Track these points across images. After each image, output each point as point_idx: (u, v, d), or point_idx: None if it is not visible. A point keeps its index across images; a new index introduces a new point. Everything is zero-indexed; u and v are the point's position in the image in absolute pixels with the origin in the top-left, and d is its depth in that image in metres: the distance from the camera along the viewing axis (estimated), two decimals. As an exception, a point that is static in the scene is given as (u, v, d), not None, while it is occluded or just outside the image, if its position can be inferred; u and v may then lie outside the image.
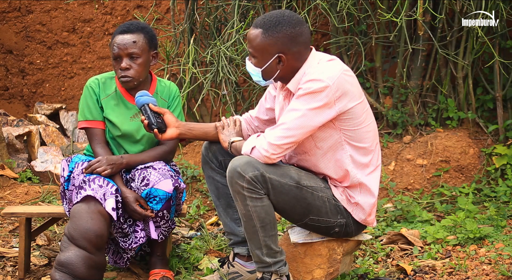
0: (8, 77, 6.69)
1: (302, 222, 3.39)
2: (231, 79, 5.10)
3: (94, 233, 3.34)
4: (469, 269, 3.80)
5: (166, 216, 3.57)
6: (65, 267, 3.30)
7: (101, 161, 3.56)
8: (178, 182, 3.57)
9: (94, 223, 3.36)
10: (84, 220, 3.36)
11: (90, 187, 3.45)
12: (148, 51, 3.65)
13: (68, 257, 3.31)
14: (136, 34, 3.64)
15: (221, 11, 5.43)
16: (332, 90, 3.22)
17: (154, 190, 3.49)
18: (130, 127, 3.70)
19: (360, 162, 3.37)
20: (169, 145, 3.73)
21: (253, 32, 3.33)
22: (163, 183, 3.51)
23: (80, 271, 3.29)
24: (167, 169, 3.57)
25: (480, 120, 5.41)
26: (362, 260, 3.98)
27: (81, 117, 3.71)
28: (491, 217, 4.53)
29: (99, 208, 3.40)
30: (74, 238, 3.34)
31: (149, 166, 3.58)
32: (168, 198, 3.53)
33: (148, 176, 3.52)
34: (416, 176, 5.18)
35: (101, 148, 3.65)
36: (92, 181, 3.48)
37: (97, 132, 3.68)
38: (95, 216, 3.38)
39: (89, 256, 3.33)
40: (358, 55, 5.50)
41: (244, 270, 3.59)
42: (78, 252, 3.32)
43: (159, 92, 3.75)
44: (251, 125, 3.68)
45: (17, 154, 5.69)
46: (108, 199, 3.44)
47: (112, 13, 6.50)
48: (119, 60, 3.63)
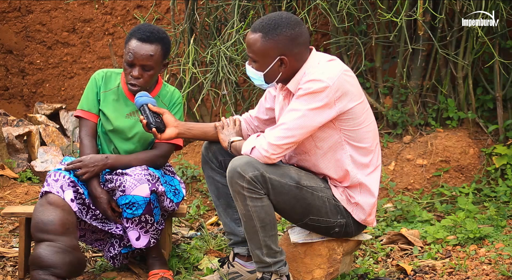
0: (8, 77, 6.69)
1: (302, 222, 3.39)
2: (231, 79, 5.10)
3: (44, 222, 3.39)
4: (469, 269, 3.80)
5: (150, 220, 3.53)
6: (35, 264, 3.38)
7: (83, 161, 3.55)
8: (155, 186, 3.50)
9: (43, 213, 3.41)
10: (35, 215, 3.43)
11: (46, 182, 3.49)
12: (161, 62, 3.63)
13: (34, 254, 3.39)
14: (155, 46, 3.57)
15: (221, 11, 5.43)
16: (332, 90, 3.22)
17: (131, 197, 3.45)
18: (124, 123, 3.68)
19: (360, 162, 3.37)
20: (160, 150, 3.69)
21: (252, 37, 3.30)
22: (139, 189, 3.45)
23: (47, 261, 3.35)
24: (144, 174, 3.49)
25: (480, 120, 5.41)
26: (362, 260, 3.98)
27: (79, 106, 3.74)
28: (491, 217, 4.53)
29: (49, 200, 3.44)
30: (33, 235, 3.42)
31: (125, 173, 3.52)
32: (147, 203, 3.48)
33: (124, 182, 3.47)
34: (416, 176, 5.18)
35: (88, 141, 3.67)
36: (49, 176, 3.51)
37: (88, 124, 3.70)
38: (44, 208, 3.43)
39: (50, 244, 3.38)
40: (358, 55, 5.50)
41: (244, 270, 3.59)
42: (41, 245, 3.39)
43: (161, 96, 3.73)
44: (251, 125, 3.68)
45: (17, 154, 5.69)
46: (66, 190, 3.46)
47: (112, 13, 6.50)
48: (132, 66, 3.59)
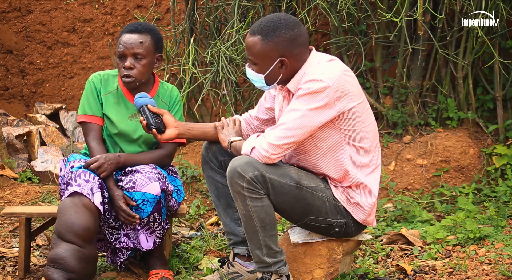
0: (8, 77, 6.69)
1: (302, 222, 3.39)
2: (231, 79, 5.10)
3: (79, 227, 3.34)
4: (469, 269, 3.80)
5: (158, 219, 3.54)
6: (56, 262, 3.32)
7: (99, 160, 3.54)
8: (165, 185, 3.53)
9: (78, 216, 3.36)
10: (69, 215, 3.36)
11: (76, 182, 3.44)
12: (153, 53, 3.64)
13: (57, 252, 3.32)
14: (144, 35, 3.62)
15: (221, 11, 5.43)
16: (332, 90, 3.22)
17: (141, 194, 3.47)
18: (128, 126, 3.69)
19: (360, 162, 3.37)
20: (167, 149, 3.71)
21: (252, 40, 3.30)
22: (150, 187, 3.47)
23: (71, 264, 3.31)
24: (154, 172, 3.52)
25: (480, 120, 5.41)
26: (362, 260, 3.98)
27: (81, 111, 3.70)
28: (491, 217, 4.53)
29: (83, 202, 3.39)
30: (62, 233, 3.35)
31: (135, 170, 3.54)
32: (157, 201, 3.50)
33: (134, 179, 3.49)
34: (416, 176, 5.18)
35: (96, 144, 3.64)
36: (78, 176, 3.46)
37: (94, 128, 3.67)
38: (79, 209, 3.38)
39: (78, 249, 3.34)
40: (358, 55, 5.50)
41: (244, 270, 3.59)
42: (67, 246, 3.33)
43: (161, 94, 3.74)
44: (251, 124, 3.68)
45: (17, 154, 5.69)
46: (96, 193, 3.43)
47: (112, 13, 6.50)
48: (123, 58, 3.62)
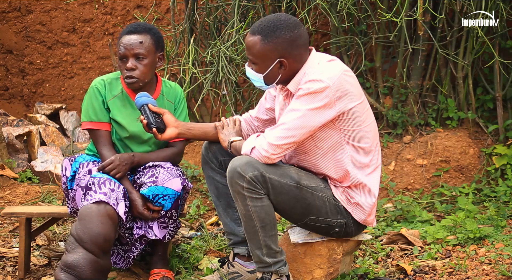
0: (8, 77, 6.69)
1: (302, 222, 3.39)
2: (231, 79, 5.10)
3: (103, 237, 3.32)
4: (469, 269, 3.80)
5: (174, 216, 3.58)
6: (72, 269, 3.29)
7: (114, 161, 3.54)
8: (186, 182, 3.59)
9: (104, 227, 3.34)
10: (95, 224, 3.33)
11: (100, 190, 3.41)
12: (154, 52, 3.64)
13: (75, 259, 3.29)
14: (143, 35, 3.62)
15: (221, 11, 5.43)
16: (332, 91, 3.22)
17: (163, 189, 3.49)
18: (137, 128, 3.68)
19: (360, 162, 3.37)
20: (178, 147, 3.73)
21: (251, 39, 3.30)
22: (172, 182, 3.51)
23: (86, 274, 3.28)
24: (175, 169, 3.59)
25: (480, 120, 5.41)
26: (362, 260, 3.98)
27: (85, 118, 3.66)
28: (491, 217, 4.53)
29: (109, 212, 3.37)
30: (83, 241, 3.32)
31: (158, 165, 3.58)
32: (177, 197, 3.53)
33: (157, 174, 3.52)
34: (416, 176, 5.18)
35: (108, 151, 3.62)
36: (102, 183, 3.44)
37: (102, 134, 3.64)
38: (104, 220, 3.35)
39: (96, 260, 3.31)
40: (358, 55, 5.50)
41: (244, 270, 3.59)
42: (86, 256, 3.30)
43: (165, 93, 3.74)
44: (251, 125, 3.68)
45: (17, 154, 5.69)
46: (120, 202, 3.43)
47: (112, 13, 6.50)
48: (125, 60, 3.61)
